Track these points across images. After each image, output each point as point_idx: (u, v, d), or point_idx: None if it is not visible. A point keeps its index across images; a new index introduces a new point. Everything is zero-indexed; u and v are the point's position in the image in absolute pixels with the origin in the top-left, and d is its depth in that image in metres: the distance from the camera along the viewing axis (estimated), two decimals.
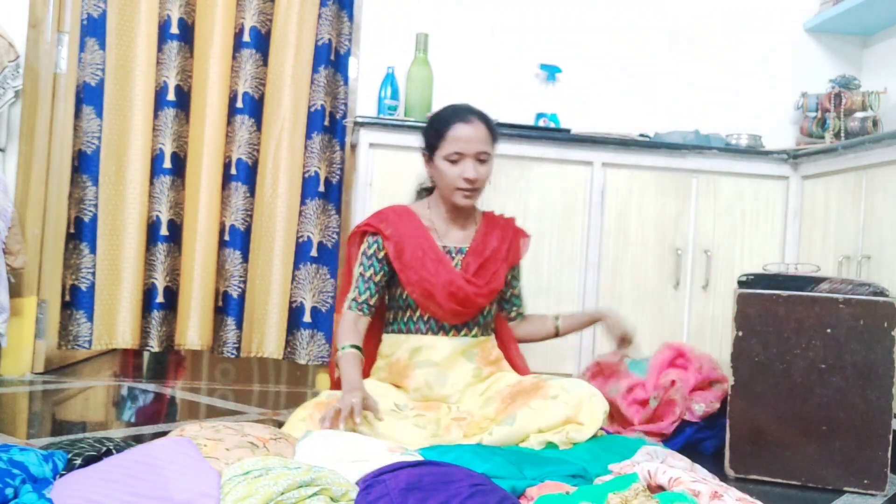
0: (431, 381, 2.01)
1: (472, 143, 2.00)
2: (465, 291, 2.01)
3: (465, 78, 3.15)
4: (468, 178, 2.00)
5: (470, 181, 2.01)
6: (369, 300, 2.05)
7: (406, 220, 2.08)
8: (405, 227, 2.07)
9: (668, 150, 2.85)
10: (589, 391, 1.88)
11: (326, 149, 3.02)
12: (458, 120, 2.02)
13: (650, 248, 2.85)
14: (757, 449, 1.92)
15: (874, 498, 1.82)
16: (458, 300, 2.01)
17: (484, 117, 2.07)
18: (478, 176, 2.01)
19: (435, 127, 2.07)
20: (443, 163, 2.03)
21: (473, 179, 2.01)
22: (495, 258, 2.10)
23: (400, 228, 2.07)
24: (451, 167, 2.01)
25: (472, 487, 1.34)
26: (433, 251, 2.05)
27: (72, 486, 1.30)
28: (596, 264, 2.82)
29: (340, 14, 3.05)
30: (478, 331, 2.09)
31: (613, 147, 2.83)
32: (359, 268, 2.08)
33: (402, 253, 2.04)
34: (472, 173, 2.00)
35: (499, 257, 2.11)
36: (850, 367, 1.87)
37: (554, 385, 1.89)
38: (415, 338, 2.06)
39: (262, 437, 1.66)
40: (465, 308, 2.03)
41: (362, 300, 2.05)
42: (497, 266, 2.10)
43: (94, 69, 2.88)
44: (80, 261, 2.88)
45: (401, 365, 2.04)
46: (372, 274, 2.06)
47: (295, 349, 3.01)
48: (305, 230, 3.01)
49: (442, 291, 2.01)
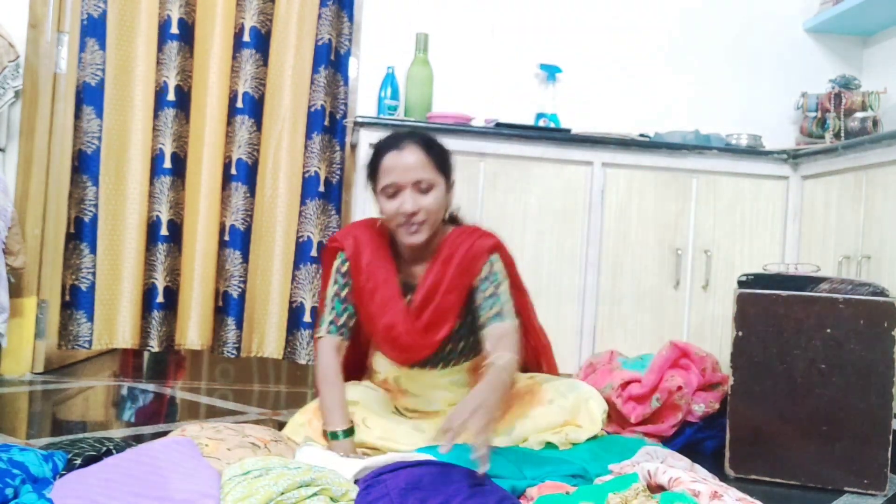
0: (420, 404, 1.96)
1: (408, 172, 1.76)
2: (403, 340, 1.82)
3: (465, 78, 3.15)
4: (405, 211, 1.76)
5: (408, 215, 1.76)
6: (348, 322, 1.87)
7: (369, 243, 1.88)
8: (364, 253, 1.87)
9: (668, 150, 2.85)
10: (586, 393, 1.87)
11: (326, 149, 3.02)
12: (390, 149, 1.80)
13: (650, 248, 2.85)
14: (757, 449, 1.92)
15: (874, 498, 1.82)
16: (399, 347, 1.84)
17: (424, 141, 1.82)
18: (418, 207, 1.76)
19: (371, 159, 1.85)
20: (381, 198, 1.81)
21: (412, 212, 1.76)
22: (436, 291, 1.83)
23: (359, 253, 1.87)
24: (389, 203, 1.78)
25: (472, 488, 1.34)
26: (387, 285, 1.84)
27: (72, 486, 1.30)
28: (596, 264, 2.82)
29: (340, 14, 3.05)
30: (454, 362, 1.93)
31: (613, 147, 2.83)
32: (333, 287, 1.89)
33: (356, 280, 1.86)
34: (410, 205, 1.75)
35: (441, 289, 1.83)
36: (850, 367, 1.87)
37: (548, 389, 1.86)
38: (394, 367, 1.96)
39: (263, 437, 1.66)
40: (411, 354, 1.86)
41: (341, 322, 1.87)
42: (442, 299, 1.83)
43: (94, 69, 2.88)
44: (80, 261, 2.88)
45: (389, 385, 2.00)
46: (348, 293, 1.87)
47: (295, 349, 3.01)
48: (305, 230, 3.01)
49: (382, 333, 1.84)
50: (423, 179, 1.77)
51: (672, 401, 2.14)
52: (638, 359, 2.39)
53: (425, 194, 1.78)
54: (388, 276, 1.85)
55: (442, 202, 1.82)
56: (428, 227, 1.80)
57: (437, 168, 1.81)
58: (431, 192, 1.78)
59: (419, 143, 1.81)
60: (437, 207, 1.80)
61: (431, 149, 1.82)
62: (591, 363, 2.52)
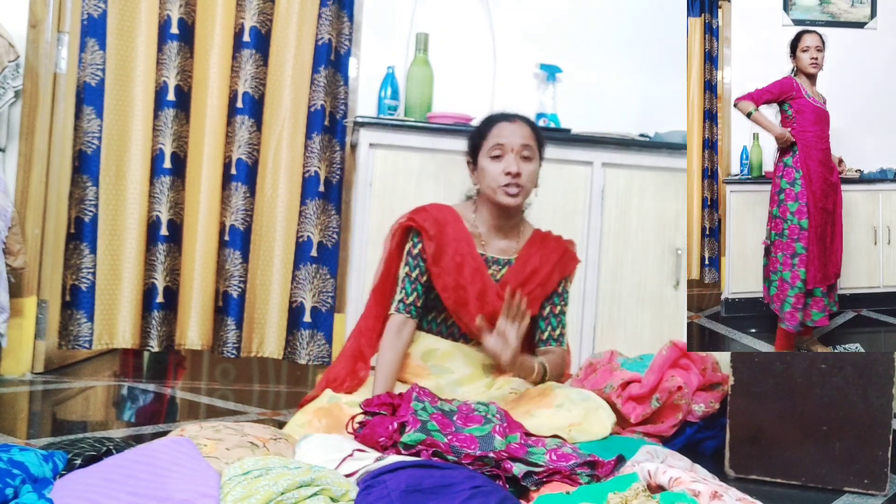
0: (443, 387, 1.97)
1: (515, 138, 1.98)
2: (494, 306, 1.94)
3: (465, 78, 3.15)
4: (510, 171, 1.95)
5: (512, 174, 1.95)
6: (416, 301, 2.01)
7: (449, 220, 2.03)
8: (447, 229, 2.01)
9: (668, 150, 2.85)
10: (595, 402, 1.88)
11: (326, 149, 3.02)
12: (502, 119, 2.03)
13: (650, 248, 2.85)
14: (757, 449, 1.92)
15: (874, 498, 1.82)
16: (487, 313, 1.93)
17: (529, 121, 2.06)
18: (521, 170, 1.95)
19: (479, 128, 2.07)
20: (485, 160, 1.99)
21: (516, 173, 1.95)
22: (533, 279, 2.02)
23: (442, 229, 2.01)
24: (494, 164, 1.98)
25: (473, 489, 1.34)
26: (472, 258, 1.99)
27: (72, 486, 1.30)
28: (596, 264, 2.82)
29: (340, 14, 3.05)
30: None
31: (613, 147, 2.83)
32: (404, 268, 2.03)
33: (441, 256, 1.99)
34: (515, 167, 1.95)
35: (536, 280, 2.02)
36: (850, 367, 1.87)
37: (560, 394, 1.88)
38: (431, 339, 2.04)
39: (262, 437, 1.66)
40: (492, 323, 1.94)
41: (409, 302, 2.01)
42: (533, 288, 2.01)
43: (94, 69, 2.88)
44: (81, 261, 2.88)
45: (413, 365, 2.02)
46: (418, 274, 2.01)
47: (295, 349, 3.01)
48: (305, 230, 3.01)
49: (475, 301, 1.96)
50: (528, 145, 1.99)
51: (672, 401, 2.14)
52: (638, 359, 2.39)
53: (527, 162, 1.98)
54: (472, 250, 2.01)
55: (536, 176, 2.03)
56: (523, 193, 1.99)
57: (538, 146, 2.04)
58: (531, 162, 2.00)
59: (526, 121, 2.05)
60: (533, 177, 2.01)
61: (535, 129, 2.05)
62: (591, 363, 2.51)
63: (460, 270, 1.97)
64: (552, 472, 1.52)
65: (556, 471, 1.52)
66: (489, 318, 1.90)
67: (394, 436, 1.61)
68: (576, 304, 2.80)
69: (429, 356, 2.02)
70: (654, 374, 2.19)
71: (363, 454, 1.55)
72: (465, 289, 1.97)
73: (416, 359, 2.03)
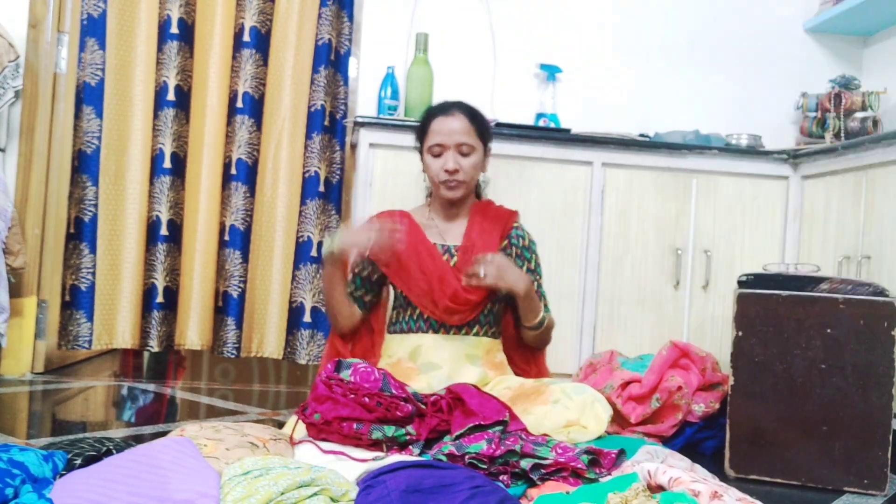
0: (434, 385, 1.97)
1: (453, 135, 2.04)
2: (453, 287, 2.01)
3: (465, 78, 3.15)
4: (447, 168, 2.04)
5: (450, 172, 2.04)
6: (363, 296, 2.14)
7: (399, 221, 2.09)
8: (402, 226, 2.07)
9: (668, 150, 2.85)
10: (592, 396, 1.87)
11: (326, 149, 3.03)
12: (440, 113, 2.08)
13: (650, 248, 2.85)
14: (757, 449, 1.92)
15: (874, 498, 1.82)
16: (449, 297, 2.00)
17: (469, 110, 2.09)
18: (458, 167, 2.04)
19: (421, 122, 2.13)
20: (428, 157, 2.08)
21: (453, 170, 2.04)
22: (485, 248, 2.06)
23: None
24: (435, 161, 2.07)
25: (473, 489, 1.34)
26: (425, 246, 2.07)
27: (72, 486, 1.30)
28: (596, 264, 2.82)
29: (340, 14, 3.05)
30: (479, 330, 2.07)
31: (613, 147, 2.83)
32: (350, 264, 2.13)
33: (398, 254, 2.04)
34: (452, 164, 2.03)
35: (489, 247, 2.07)
36: (850, 367, 1.87)
37: (555, 390, 1.87)
38: (415, 336, 2.06)
39: (262, 437, 1.66)
40: (459, 305, 2.02)
41: (355, 294, 2.13)
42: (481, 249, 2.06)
43: (94, 69, 2.88)
44: (80, 261, 2.88)
45: (402, 367, 2.03)
46: (359, 270, 2.13)
47: (295, 349, 3.01)
48: (305, 230, 3.01)
49: (437, 288, 2.01)
50: (466, 143, 2.04)
51: (672, 401, 2.14)
52: (638, 359, 2.39)
53: (465, 157, 2.05)
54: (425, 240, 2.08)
55: (479, 166, 2.10)
56: (464, 186, 2.07)
57: (479, 135, 2.08)
58: (471, 155, 2.06)
59: (466, 111, 2.08)
60: (474, 170, 2.08)
61: (475, 118, 2.09)
62: (591, 363, 2.52)
63: (420, 259, 2.05)
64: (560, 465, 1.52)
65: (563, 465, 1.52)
66: (451, 300, 2.00)
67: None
68: (576, 304, 2.80)
69: (416, 354, 2.03)
70: (654, 374, 2.19)
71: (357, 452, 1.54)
72: (425, 277, 2.03)
73: (405, 361, 2.04)
